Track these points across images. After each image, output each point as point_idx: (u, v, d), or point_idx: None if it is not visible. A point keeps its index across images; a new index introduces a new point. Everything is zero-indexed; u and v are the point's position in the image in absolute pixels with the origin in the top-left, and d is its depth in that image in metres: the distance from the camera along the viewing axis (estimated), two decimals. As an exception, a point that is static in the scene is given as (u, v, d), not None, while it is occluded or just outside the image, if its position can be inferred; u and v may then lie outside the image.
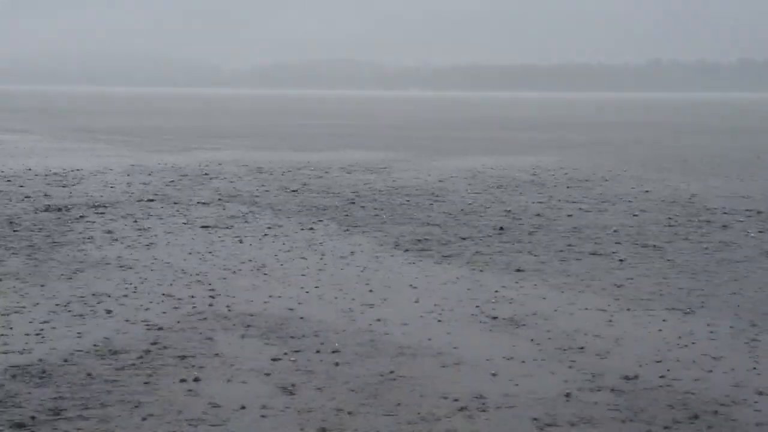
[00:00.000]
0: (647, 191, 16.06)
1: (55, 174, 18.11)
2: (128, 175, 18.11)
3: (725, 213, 13.37)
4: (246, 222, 12.28)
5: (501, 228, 11.72)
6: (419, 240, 10.93)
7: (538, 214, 13.12)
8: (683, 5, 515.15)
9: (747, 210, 13.65)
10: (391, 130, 39.12)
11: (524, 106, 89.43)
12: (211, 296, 7.98)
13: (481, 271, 9.14)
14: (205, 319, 7.22)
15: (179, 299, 7.85)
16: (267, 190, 15.85)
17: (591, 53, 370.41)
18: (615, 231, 11.60)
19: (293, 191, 15.73)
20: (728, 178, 18.69)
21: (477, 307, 7.68)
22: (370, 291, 8.24)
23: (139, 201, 14.24)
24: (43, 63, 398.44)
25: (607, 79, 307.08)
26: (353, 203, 14.25)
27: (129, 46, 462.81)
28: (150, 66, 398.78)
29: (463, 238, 11.04)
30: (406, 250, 10.23)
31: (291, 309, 7.54)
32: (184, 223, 12.05)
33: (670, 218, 12.80)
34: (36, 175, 17.91)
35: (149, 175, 18.30)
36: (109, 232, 11.30)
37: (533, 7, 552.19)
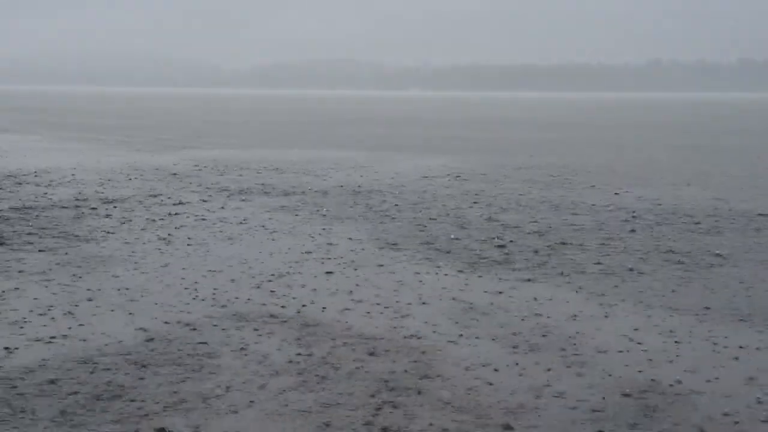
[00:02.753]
0: (629, 192, 16.04)
1: (43, 173, 18.09)
2: (120, 174, 18.10)
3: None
4: (237, 220, 12.26)
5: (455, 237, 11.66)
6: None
7: (489, 219, 13.09)
8: (683, 5, 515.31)
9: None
10: (387, 129, 39.09)
11: (524, 106, 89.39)
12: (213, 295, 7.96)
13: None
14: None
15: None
16: (262, 188, 15.85)
17: (591, 53, 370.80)
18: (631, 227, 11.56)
19: (270, 188, 15.73)
20: (728, 179, 18.65)
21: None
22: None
23: (133, 199, 14.22)
24: (43, 63, 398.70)
25: (607, 79, 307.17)
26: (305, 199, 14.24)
27: (129, 46, 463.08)
28: (150, 66, 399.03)
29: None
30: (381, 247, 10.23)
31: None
32: (174, 214, 12.04)
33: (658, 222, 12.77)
34: (37, 174, 17.91)
35: (140, 173, 18.28)
36: (109, 230, 11.29)
37: (533, 7, 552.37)
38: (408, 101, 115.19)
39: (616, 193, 15.60)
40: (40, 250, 9.93)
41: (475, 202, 14.38)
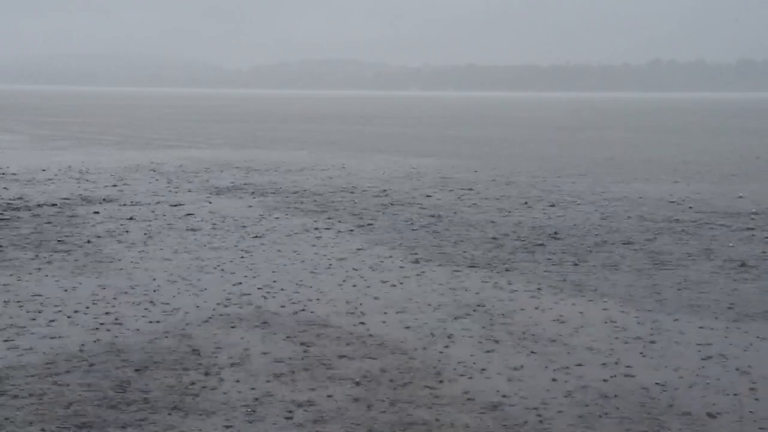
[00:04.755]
0: (613, 191, 16.03)
1: (30, 173, 18.12)
2: (114, 173, 18.11)
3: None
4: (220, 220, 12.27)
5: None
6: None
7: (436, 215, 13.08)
8: (683, 5, 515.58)
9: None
10: (387, 129, 39.16)
11: (524, 106, 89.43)
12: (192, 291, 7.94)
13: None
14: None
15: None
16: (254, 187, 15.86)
17: (591, 53, 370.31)
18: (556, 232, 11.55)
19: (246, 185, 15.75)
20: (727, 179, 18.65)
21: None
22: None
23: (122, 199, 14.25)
24: (43, 63, 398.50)
25: (607, 79, 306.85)
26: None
27: (130, 46, 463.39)
28: (151, 66, 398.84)
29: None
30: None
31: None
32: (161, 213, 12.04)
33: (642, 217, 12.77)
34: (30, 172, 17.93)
35: (134, 172, 18.30)
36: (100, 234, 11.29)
37: (533, 7, 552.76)
38: (408, 101, 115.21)
39: (606, 192, 15.61)
40: (31, 250, 9.94)
41: (463, 200, 14.39)
